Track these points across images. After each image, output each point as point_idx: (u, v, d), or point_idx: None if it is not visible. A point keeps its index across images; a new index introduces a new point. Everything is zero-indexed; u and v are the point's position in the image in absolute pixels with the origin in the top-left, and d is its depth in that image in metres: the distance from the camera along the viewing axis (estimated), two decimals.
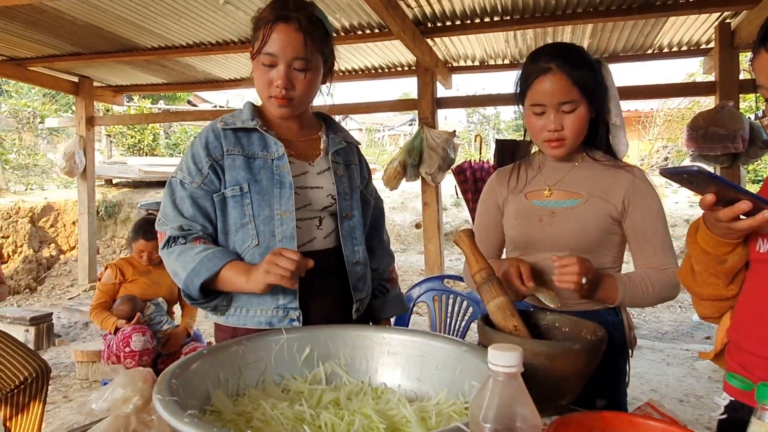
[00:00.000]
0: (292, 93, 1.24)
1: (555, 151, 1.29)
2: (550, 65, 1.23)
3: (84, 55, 4.92)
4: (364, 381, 1.05)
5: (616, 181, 1.29)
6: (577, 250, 1.27)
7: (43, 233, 7.36)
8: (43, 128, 10.13)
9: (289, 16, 1.21)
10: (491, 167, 4.69)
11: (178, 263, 1.20)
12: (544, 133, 1.27)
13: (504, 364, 0.52)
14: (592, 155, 1.34)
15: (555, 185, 1.34)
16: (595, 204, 1.28)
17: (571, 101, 1.23)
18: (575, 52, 1.28)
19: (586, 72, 1.24)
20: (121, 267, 2.97)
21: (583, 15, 3.90)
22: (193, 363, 0.92)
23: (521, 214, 1.37)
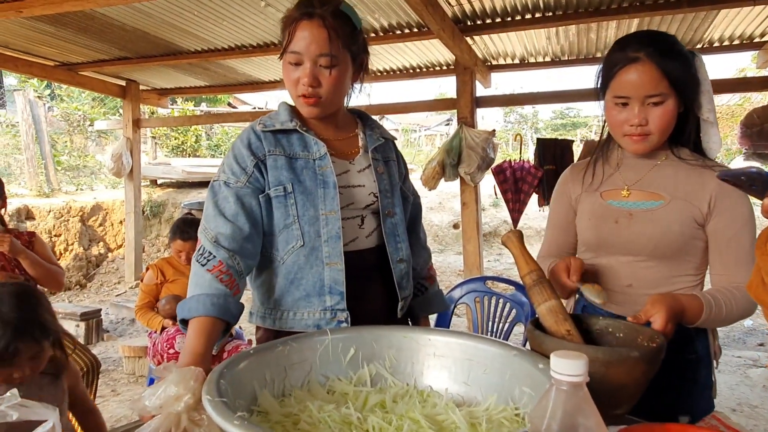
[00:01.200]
0: (319, 90, 1.22)
1: (636, 146, 1.19)
2: (638, 54, 1.13)
3: (131, 59, 5.07)
4: (409, 383, 1.03)
5: (702, 182, 1.18)
6: (655, 256, 1.20)
7: (93, 232, 7.64)
8: (92, 131, 10.52)
9: (313, 13, 1.19)
10: (531, 167, 4.61)
11: (191, 280, 1.18)
12: (625, 127, 1.18)
13: (568, 373, 0.49)
14: (677, 153, 1.23)
15: (634, 185, 1.25)
16: (678, 206, 1.19)
17: (659, 94, 1.13)
18: (667, 41, 1.17)
19: (677, 63, 1.14)
20: (161, 267, 3.04)
21: (630, 9, 3.77)
22: (240, 362, 0.93)
23: (595, 214, 1.28)
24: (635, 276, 1.24)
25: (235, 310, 1.15)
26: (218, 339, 1.14)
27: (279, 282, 1.27)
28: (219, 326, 1.13)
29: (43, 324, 1.40)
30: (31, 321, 1.38)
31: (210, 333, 1.10)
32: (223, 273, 1.15)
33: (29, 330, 1.36)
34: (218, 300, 1.12)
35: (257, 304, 1.35)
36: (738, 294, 1.14)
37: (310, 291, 1.24)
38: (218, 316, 1.11)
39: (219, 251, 1.17)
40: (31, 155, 8.49)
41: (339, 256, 1.23)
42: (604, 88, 1.21)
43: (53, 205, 7.36)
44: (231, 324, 1.16)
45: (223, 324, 1.14)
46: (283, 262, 1.26)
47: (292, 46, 1.20)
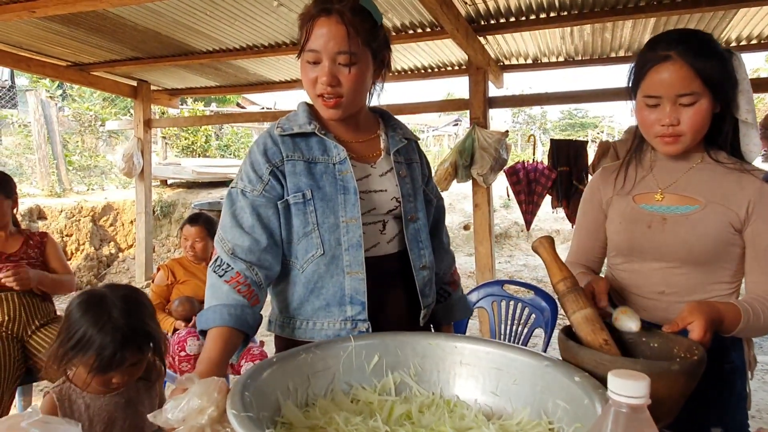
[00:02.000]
0: (339, 90, 1.17)
1: (668, 148, 1.16)
2: (669, 53, 1.11)
3: (143, 59, 5.07)
4: (435, 392, 1.00)
5: (740, 186, 1.15)
6: (689, 262, 1.17)
7: (104, 232, 7.66)
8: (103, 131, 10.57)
9: (331, 9, 1.15)
10: (545, 168, 4.56)
11: (208, 291, 1.16)
12: (656, 127, 1.14)
13: (629, 395, 0.45)
14: (714, 156, 1.19)
15: (668, 188, 1.21)
16: (714, 211, 1.15)
17: (691, 93, 1.09)
18: (700, 39, 1.14)
19: (711, 61, 1.10)
20: (172, 268, 3.02)
21: (646, 9, 3.72)
22: (264, 372, 0.90)
23: (627, 218, 1.25)
24: (668, 282, 1.20)
25: (252, 320, 1.13)
26: (236, 349, 1.13)
27: (298, 291, 1.24)
28: (236, 337, 1.11)
29: (148, 332, 1.40)
30: (137, 329, 1.37)
31: (226, 343, 1.09)
32: (241, 284, 1.14)
33: (136, 338, 1.36)
34: (235, 311, 1.10)
35: (276, 312, 1.31)
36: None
37: (330, 300, 1.21)
38: (234, 327, 1.09)
39: (236, 263, 1.15)
40: (42, 155, 8.54)
41: (360, 264, 1.20)
42: (635, 89, 1.18)
43: (65, 205, 7.38)
44: (249, 335, 1.14)
45: (241, 335, 1.12)
46: (302, 270, 1.22)
47: (310, 44, 1.16)
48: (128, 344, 1.34)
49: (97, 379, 1.35)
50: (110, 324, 1.33)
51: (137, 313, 1.40)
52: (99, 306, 1.37)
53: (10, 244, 2.55)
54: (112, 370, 1.35)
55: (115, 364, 1.33)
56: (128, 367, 1.37)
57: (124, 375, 1.38)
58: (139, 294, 1.50)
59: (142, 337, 1.37)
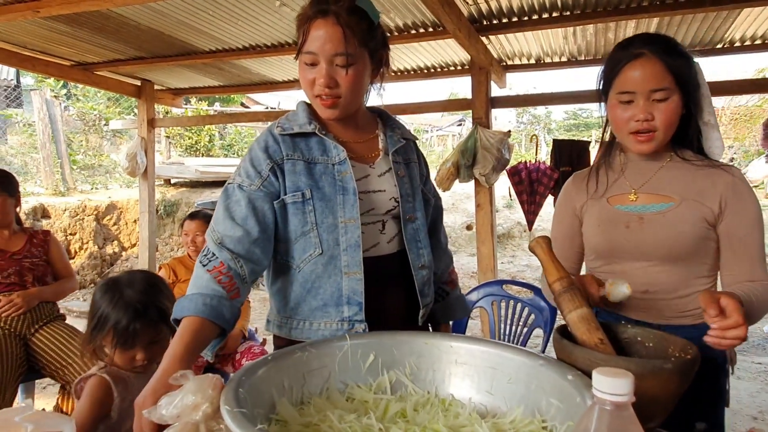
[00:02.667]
0: (337, 91, 1.18)
1: (642, 146, 1.18)
2: (643, 50, 1.15)
3: (146, 59, 5.09)
4: (430, 391, 1.01)
5: (711, 182, 1.18)
6: (670, 259, 1.19)
7: (107, 231, 7.69)
8: (107, 130, 10.61)
9: (327, 10, 1.15)
10: (547, 168, 4.56)
11: (191, 281, 1.14)
12: (631, 123, 1.17)
13: (613, 392, 0.46)
14: (681, 154, 1.23)
15: (641, 188, 1.24)
16: (689, 207, 1.18)
17: (665, 89, 1.13)
18: (669, 40, 1.19)
19: (680, 60, 1.15)
20: (174, 267, 3.04)
21: (650, 9, 3.70)
22: (258, 370, 0.90)
23: (604, 220, 1.27)
24: (650, 281, 1.22)
25: (228, 314, 1.09)
26: (208, 342, 1.08)
27: (295, 290, 1.24)
28: (210, 329, 1.07)
29: (162, 309, 1.48)
30: (149, 305, 1.48)
31: (196, 335, 1.04)
32: (223, 274, 1.11)
33: (147, 313, 1.46)
34: (211, 301, 1.07)
35: (274, 313, 1.31)
36: (760, 288, 1.14)
37: (327, 301, 1.21)
38: (208, 318, 1.05)
39: (222, 252, 1.13)
40: (47, 154, 8.58)
41: (358, 265, 1.20)
42: (607, 89, 1.22)
43: (68, 204, 7.42)
44: (225, 329, 1.10)
45: (216, 327, 1.08)
46: (299, 270, 1.22)
47: (307, 46, 1.17)
48: (140, 317, 1.44)
49: (121, 355, 1.45)
50: (123, 300, 1.46)
51: (150, 292, 1.51)
52: (114, 287, 1.50)
53: (13, 242, 2.57)
54: (131, 346, 1.44)
55: (130, 337, 1.43)
56: (149, 344, 1.46)
57: (147, 352, 1.46)
58: (155, 277, 1.62)
59: (155, 312, 1.47)
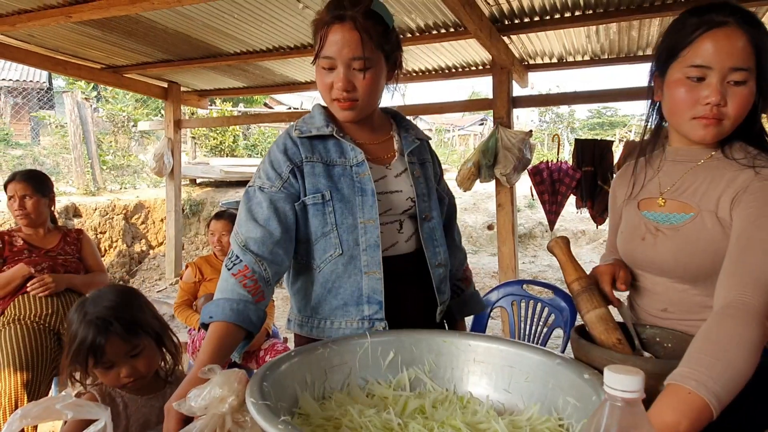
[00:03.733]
0: (355, 94, 1.20)
1: (706, 131, 0.99)
2: (727, 19, 0.96)
3: (173, 61, 5.20)
4: (449, 389, 1.03)
5: (731, 182, 0.99)
6: (687, 279, 1.04)
7: (135, 229, 7.87)
8: (135, 131, 10.84)
9: (344, 16, 1.17)
10: (569, 168, 4.52)
11: (218, 285, 1.18)
12: (698, 107, 0.98)
13: (624, 389, 0.47)
14: (729, 152, 1.02)
15: (668, 192, 1.08)
16: (708, 220, 1.00)
17: (746, 69, 0.95)
18: (755, 15, 1.00)
19: (766, 38, 0.96)
20: (200, 266, 3.10)
21: (673, 6, 3.65)
22: (282, 365, 0.94)
23: (629, 226, 1.14)
24: (670, 299, 1.08)
25: (254, 317, 1.13)
26: (236, 345, 1.13)
27: (316, 290, 1.27)
28: (237, 333, 1.11)
29: (135, 321, 1.39)
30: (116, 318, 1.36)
31: (224, 339, 1.08)
32: (248, 278, 1.14)
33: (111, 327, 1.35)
34: (238, 306, 1.11)
35: (294, 312, 1.35)
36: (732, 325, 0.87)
37: (347, 300, 1.24)
38: (236, 323, 1.09)
39: (246, 255, 1.16)
40: (78, 155, 8.81)
41: (378, 264, 1.22)
42: (668, 63, 1.02)
43: (99, 203, 7.61)
44: (252, 332, 1.14)
45: (242, 331, 1.12)
46: (320, 270, 1.25)
47: (325, 51, 1.19)
48: (104, 333, 1.33)
49: (104, 375, 1.37)
50: (86, 317, 1.36)
51: (117, 306, 1.39)
52: (82, 305, 1.40)
53: (48, 240, 2.68)
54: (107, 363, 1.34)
55: (99, 353, 1.33)
56: (129, 358, 1.36)
57: (129, 368, 1.36)
58: (127, 291, 1.50)
59: (122, 325, 1.35)
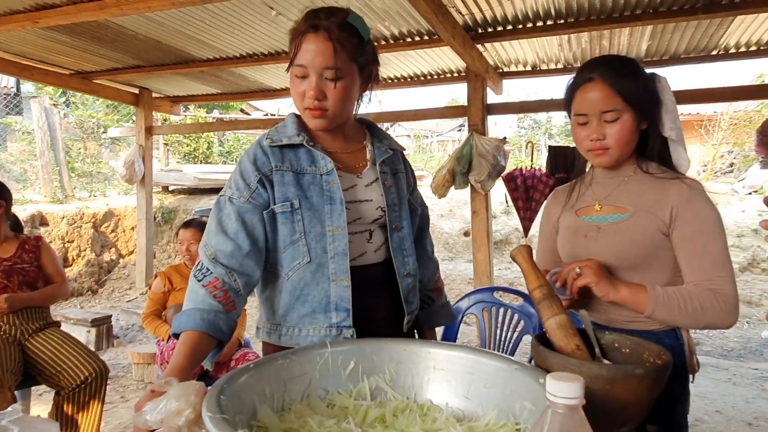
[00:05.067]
0: (325, 104, 1.21)
1: (599, 159, 1.27)
2: (592, 75, 1.23)
3: (144, 67, 5.13)
4: (409, 397, 1.02)
5: (665, 193, 1.23)
6: (623, 268, 1.23)
7: (105, 238, 7.71)
8: (106, 137, 10.65)
9: (319, 26, 1.19)
10: (543, 174, 4.56)
11: (186, 296, 1.19)
12: (586, 142, 1.26)
13: (564, 395, 0.47)
14: (645, 168, 1.28)
15: (604, 200, 1.31)
16: (642, 218, 1.23)
17: (613, 110, 1.21)
18: (622, 61, 1.26)
19: (631, 81, 1.21)
20: (169, 275, 3.04)
21: (643, 16, 3.73)
22: (241, 377, 0.92)
23: (570, 230, 1.35)
24: None
25: (225, 326, 1.15)
26: (206, 355, 1.14)
27: (284, 298, 1.26)
28: (208, 342, 1.13)
29: None
30: None
31: (195, 348, 1.10)
32: (218, 289, 1.16)
33: None
34: (208, 315, 1.13)
35: (263, 320, 1.34)
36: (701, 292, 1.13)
37: (315, 307, 1.23)
38: (206, 332, 1.11)
39: (216, 268, 1.17)
40: (46, 162, 8.61)
41: (345, 272, 1.23)
42: (569, 110, 1.31)
43: (66, 212, 7.44)
44: (223, 341, 1.16)
45: (213, 340, 1.14)
46: (288, 278, 1.25)
47: (298, 59, 1.21)
48: None
49: None
50: None
51: None
52: None
53: (4, 248, 2.61)
54: None
55: None
56: None
57: None
58: None
59: None
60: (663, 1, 3.56)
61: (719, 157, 11.09)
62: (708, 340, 5.16)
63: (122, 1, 3.21)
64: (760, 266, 6.86)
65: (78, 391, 2.50)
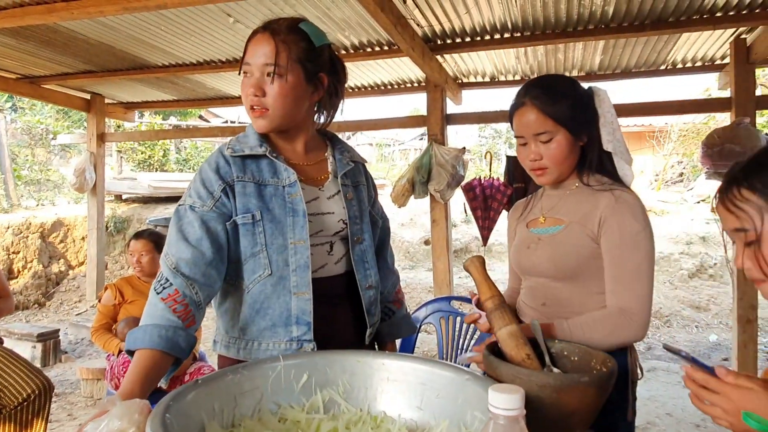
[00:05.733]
0: (265, 102, 1.20)
1: (541, 179, 1.32)
2: (524, 99, 1.28)
3: (96, 72, 4.98)
4: (362, 409, 1.01)
5: (595, 204, 1.26)
6: (559, 277, 1.28)
7: (53, 249, 7.40)
8: (55, 144, 10.26)
9: (267, 27, 1.22)
10: (501, 184, 4.64)
11: (145, 309, 1.14)
12: (527, 162, 1.31)
13: (505, 407, 0.47)
14: (585, 180, 1.32)
15: (548, 212, 1.36)
16: (574, 230, 1.27)
17: (545, 132, 1.25)
18: (553, 83, 1.30)
19: (560, 103, 1.25)
20: (120, 287, 2.93)
21: (595, 32, 3.87)
22: (188, 394, 0.89)
23: (519, 241, 1.41)
24: (547, 296, 1.33)
25: (184, 343, 1.10)
26: (164, 373, 1.09)
27: (244, 311, 1.23)
28: (165, 361, 1.08)
29: None
30: None
31: (151, 367, 1.06)
32: (178, 303, 1.11)
33: None
34: (166, 332, 1.08)
35: (221, 332, 1.30)
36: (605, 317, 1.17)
37: (276, 321, 1.21)
38: (164, 350, 1.06)
39: (176, 278, 1.12)
40: None
41: (307, 285, 1.21)
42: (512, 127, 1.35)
43: (12, 221, 7.12)
44: (180, 358, 1.12)
45: (171, 358, 1.09)
46: (248, 290, 1.22)
47: (245, 58, 1.22)
48: None
49: None
50: None
51: None
52: None
53: None
54: None
55: None
56: None
57: None
58: None
59: None
60: (614, 17, 3.70)
61: (670, 167, 11.54)
62: (659, 344, 5.33)
63: (72, 5, 3.10)
64: (707, 272, 7.16)
65: (20, 409, 2.38)
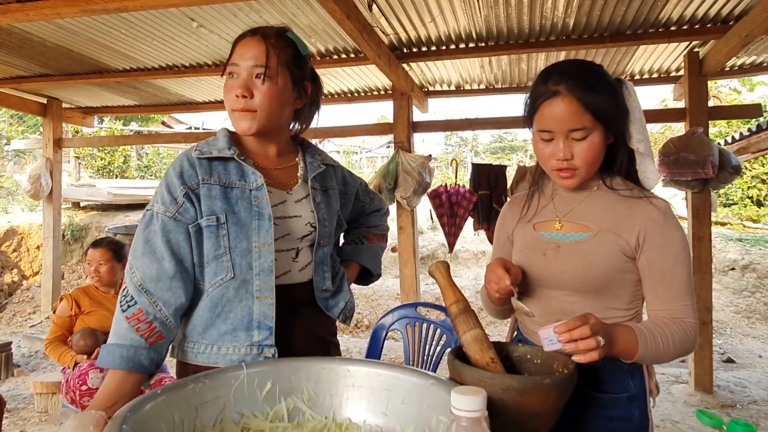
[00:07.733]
0: (253, 103, 1.20)
1: (566, 182, 1.15)
2: (558, 87, 1.09)
3: (53, 76, 4.82)
4: (327, 416, 1.00)
5: (631, 214, 1.13)
6: (582, 291, 1.14)
7: (5, 258, 7.10)
8: (9, 150, 9.88)
9: (257, 31, 1.24)
10: (467, 191, 4.70)
11: (112, 326, 1.16)
12: (552, 161, 1.14)
13: (467, 409, 0.48)
14: (609, 183, 1.18)
15: (566, 216, 1.20)
16: (605, 238, 1.13)
17: (583, 128, 1.08)
18: (590, 71, 1.12)
19: (601, 95, 1.08)
20: (76, 298, 2.83)
21: (557, 43, 3.98)
22: (146, 404, 0.86)
23: (526, 245, 1.24)
24: (563, 311, 1.17)
25: (147, 361, 1.13)
26: (135, 389, 1.12)
27: (204, 314, 1.21)
28: (130, 378, 1.12)
29: None
30: None
31: (117, 384, 1.10)
32: (141, 321, 1.13)
33: None
34: (128, 353, 1.11)
35: (179, 337, 1.27)
36: (674, 325, 1.08)
37: (237, 325, 1.20)
38: (127, 370, 1.11)
39: (140, 297, 1.14)
40: None
41: (270, 289, 1.20)
42: (530, 120, 1.18)
43: None
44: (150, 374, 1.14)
45: (138, 374, 1.12)
46: (209, 293, 1.20)
47: (232, 59, 1.23)
48: None
49: None
50: None
51: None
52: None
53: None
54: None
55: None
56: None
57: None
58: None
59: None
60: (575, 29, 3.81)
61: None
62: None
63: (28, 6, 2.99)
64: None
65: None
